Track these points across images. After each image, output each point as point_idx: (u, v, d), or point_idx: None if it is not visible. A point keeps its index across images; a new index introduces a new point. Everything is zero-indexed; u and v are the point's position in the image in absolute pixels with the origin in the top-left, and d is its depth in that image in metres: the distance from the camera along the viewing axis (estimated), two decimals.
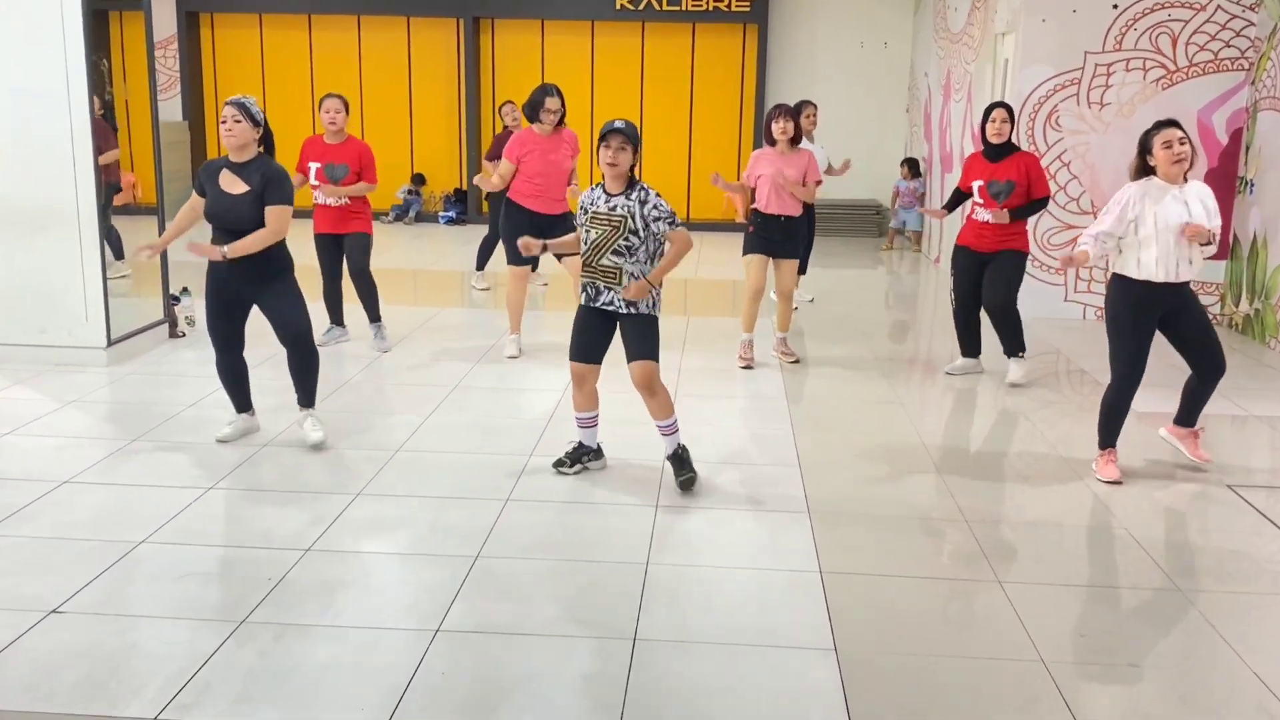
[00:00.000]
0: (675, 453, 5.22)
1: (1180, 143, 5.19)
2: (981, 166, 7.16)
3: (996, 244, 7.11)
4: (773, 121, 7.40)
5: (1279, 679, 3.60)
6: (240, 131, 5.36)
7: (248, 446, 5.66)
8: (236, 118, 5.35)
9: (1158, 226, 5.21)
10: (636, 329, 5.10)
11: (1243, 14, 9.17)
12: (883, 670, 3.62)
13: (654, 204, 4.99)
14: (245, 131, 5.38)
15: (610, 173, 5.00)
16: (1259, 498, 5.32)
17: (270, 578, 4.16)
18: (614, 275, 5.04)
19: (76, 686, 3.39)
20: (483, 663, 3.59)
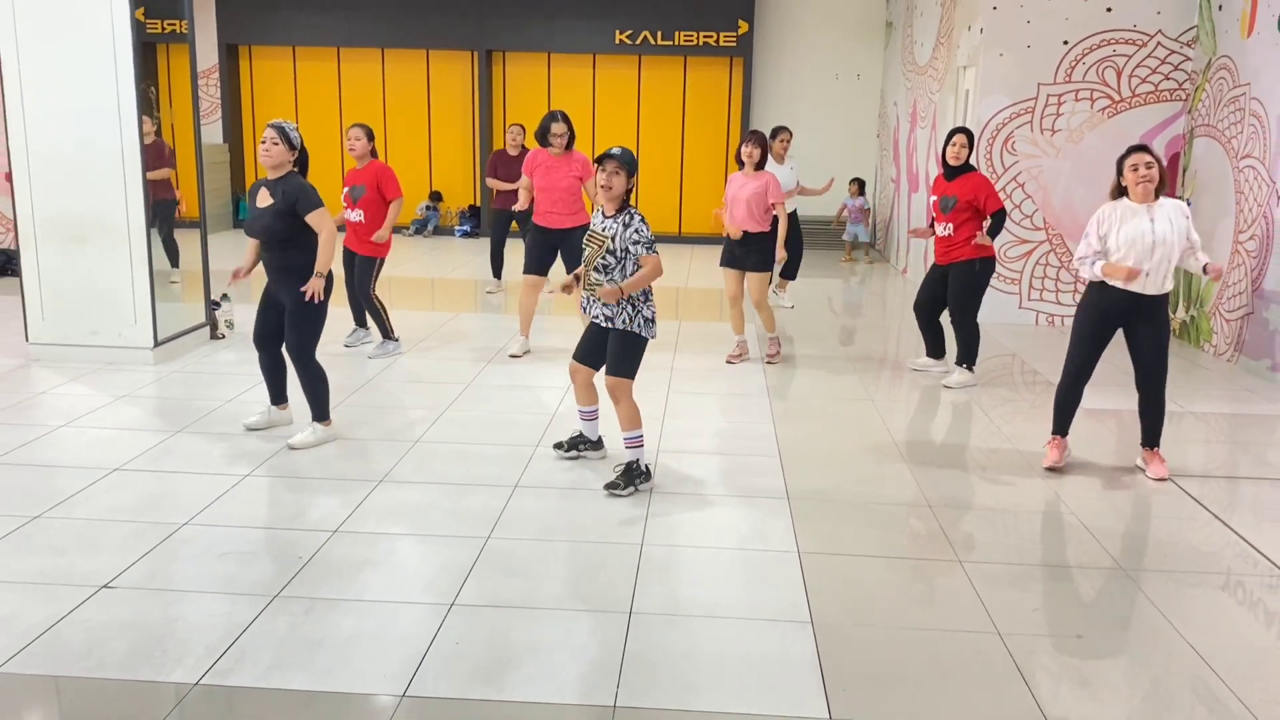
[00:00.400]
0: (628, 464, 5.04)
1: (1147, 166, 5.16)
2: (939, 185, 7.19)
3: (947, 256, 7.13)
4: (741, 146, 7.46)
5: (1212, 650, 3.61)
6: (277, 153, 5.34)
7: (281, 439, 5.65)
8: (275, 140, 5.33)
9: (1121, 242, 5.21)
10: (617, 344, 5.03)
11: (1180, 49, 9.18)
12: (854, 641, 3.62)
13: (635, 228, 4.92)
14: (281, 153, 5.35)
15: (604, 195, 4.97)
16: (1195, 486, 5.33)
17: (301, 556, 4.16)
18: (596, 289, 5.04)
19: (125, 655, 3.39)
20: (493, 634, 3.59)
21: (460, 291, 11.24)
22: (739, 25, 14.92)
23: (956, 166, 7.06)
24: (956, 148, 7.05)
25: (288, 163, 5.40)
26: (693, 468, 5.39)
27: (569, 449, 5.44)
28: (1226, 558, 4.47)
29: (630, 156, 5.00)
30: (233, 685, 3.23)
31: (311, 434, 5.56)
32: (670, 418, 6.25)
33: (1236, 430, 6.47)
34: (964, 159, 7.04)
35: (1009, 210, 9.54)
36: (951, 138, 7.10)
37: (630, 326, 5.00)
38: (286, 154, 5.37)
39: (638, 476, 5.02)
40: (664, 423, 6.14)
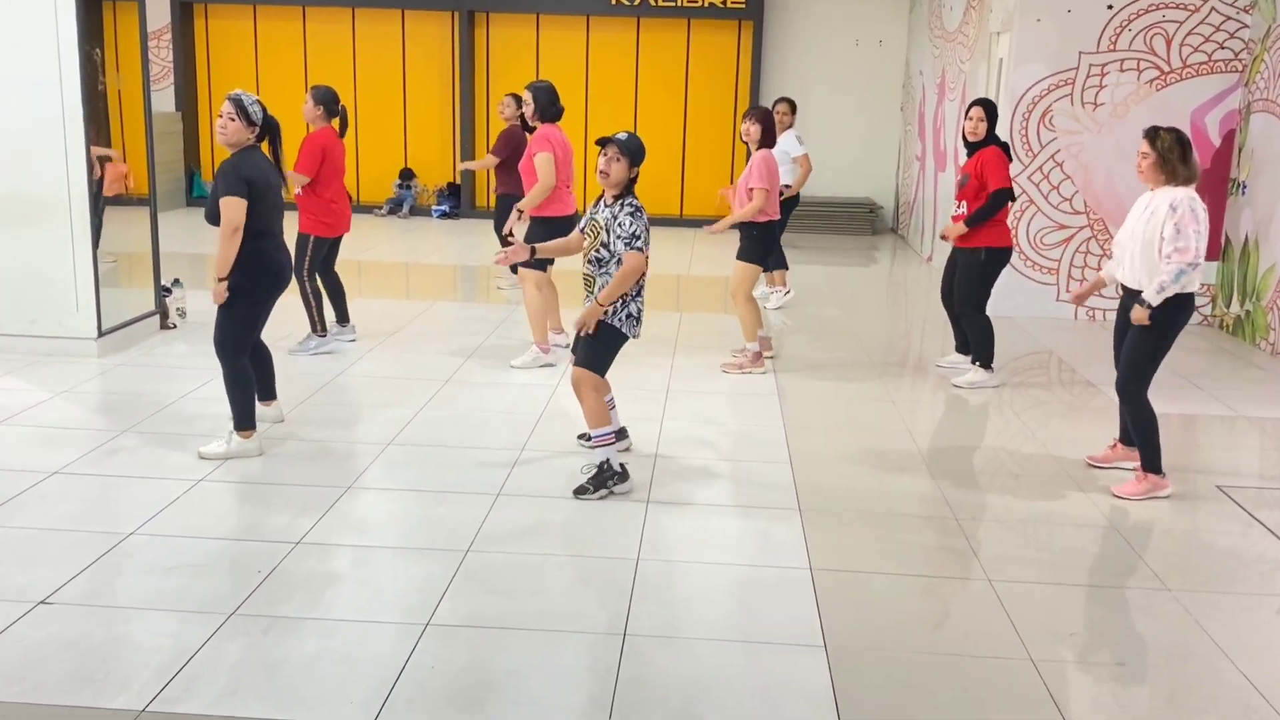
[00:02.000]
0: (599, 465, 5.04)
1: (1141, 155, 5.19)
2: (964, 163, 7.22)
3: (957, 241, 7.15)
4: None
5: (1265, 680, 3.61)
6: (232, 130, 5.25)
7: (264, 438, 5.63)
8: (231, 115, 5.25)
9: (1124, 228, 5.30)
10: (593, 334, 5.07)
11: (1237, 15, 9.18)
12: (872, 668, 3.62)
13: (622, 219, 4.94)
14: (237, 130, 5.26)
15: (601, 180, 5.02)
16: (1247, 498, 5.34)
17: (260, 570, 4.16)
18: (590, 283, 5.08)
19: (64, 678, 3.38)
20: (472, 657, 3.59)
21: (437, 278, 11.24)
22: None
23: (975, 142, 7.07)
24: (973, 121, 7.06)
25: (248, 140, 5.32)
26: (694, 474, 5.39)
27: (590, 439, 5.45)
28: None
29: (635, 144, 5.02)
30: (182, 713, 3.22)
31: (226, 444, 5.37)
32: (670, 419, 6.26)
33: None
34: (982, 134, 7.05)
35: (1046, 192, 9.56)
36: (969, 111, 7.12)
37: (611, 320, 5.03)
38: (244, 130, 5.28)
39: (610, 478, 5.03)
40: (663, 424, 6.14)
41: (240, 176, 5.18)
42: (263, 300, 5.43)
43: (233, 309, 5.32)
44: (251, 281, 5.32)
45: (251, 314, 5.40)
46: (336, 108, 7.49)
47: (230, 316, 5.33)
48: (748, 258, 7.38)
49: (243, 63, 15.89)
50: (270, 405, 5.85)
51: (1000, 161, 6.99)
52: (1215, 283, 9.52)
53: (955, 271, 7.31)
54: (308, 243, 7.42)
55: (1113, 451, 5.70)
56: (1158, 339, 5.14)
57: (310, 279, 7.48)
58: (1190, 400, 6.98)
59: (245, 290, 5.32)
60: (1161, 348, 5.18)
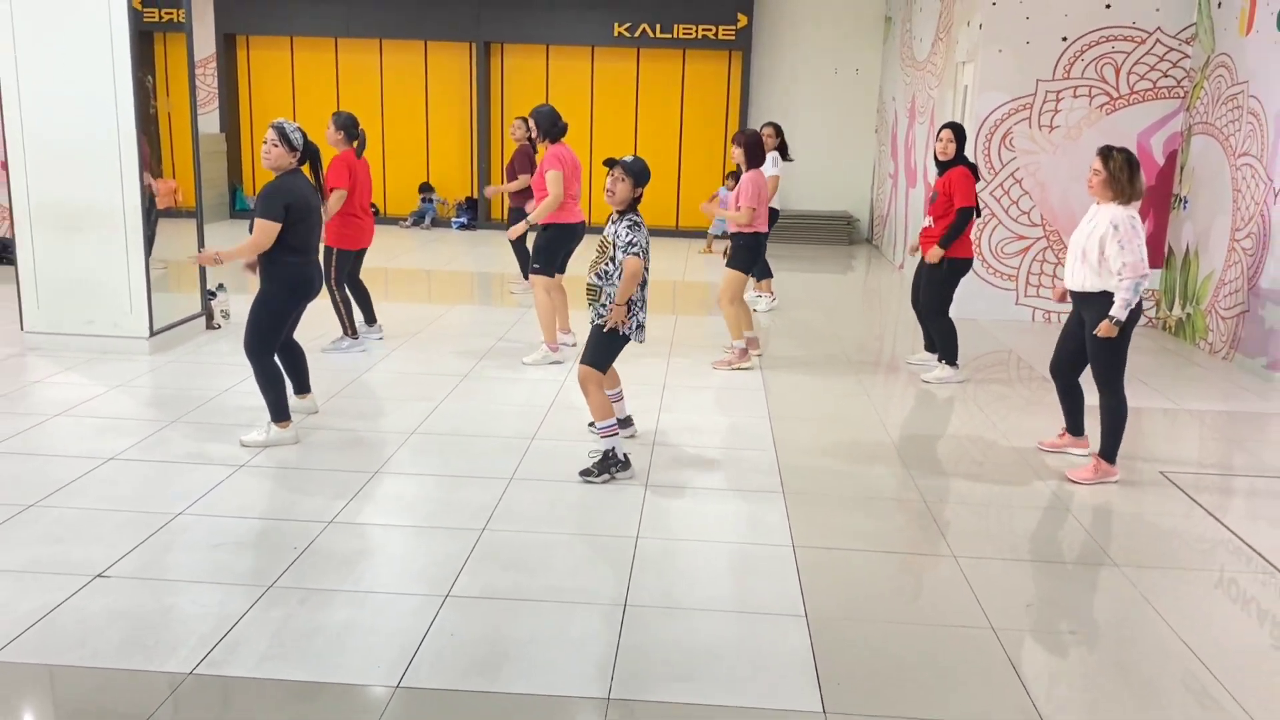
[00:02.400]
0: (605, 452, 5.04)
1: (1093, 172, 5.17)
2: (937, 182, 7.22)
3: (923, 249, 7.16)
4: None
5: (1204, 647, 3.61)
6: (276, 155, 5.24)
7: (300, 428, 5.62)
8: (275, 141, 5.23)
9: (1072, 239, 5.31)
10: (598, 334, 5.10)
11: (1179, 46, 9.17)
12: (848, 635, 3.62)
13: (620, 231, 4.97)
14: (280, 155, 5.24)
15: (608, 199, 5.04)
16: (1188, 483, 5.34)
17: (296, 547, 4.16)
18: (595, 293, 5.07)
19: (119, 644, 3.38)
20: (488, 625, 3.59)
21: (456, 284, 11.23)
22: (738, 19, 14.89)
23: (945, 161, 7.07)
24: (943, 143, 7.05)
25: (290, 164, 5.29)
26: (689, 460, 5.39)
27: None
28: (1221, 555, 4.48)
29: (639, 166, 5.03)
30: (226, 675, 3.22)
31: (265, 434, 5.38)
32: (666, 412, 6.25)
33: (1231, 428, 6.48)
34: (952, 153, 7.04)
35: (1006, 207, 9.55)
36: (939, 133, 7.11)
37: (621, 328, 5.05)
38: (287, 155, 5.26)
39: (613, 464, 5.04)
40: (659, 417, 6.13)
41: (281, 202, 5.17)
42: (289, 308, 5.42)
43: (261, 314, 5.32)
44: (282, 291, 5.33)
45: (278, 320, 5.39)
46: (356, 131, 7.48)
47: (258, 321, 5.32)
48: (735, 265, 7.39)
49: (280, 89, 15.87)
50: (305, 398, 5.84)
51: (967, 180, 6.98)
52: (1159, 288, 9.51)
53: (922, 279, 7.33)
54: (333, 255, 7.42)
55: (1060, 440, 5.72)
56: (1116, 338, 5.15)
57: (339, 288, 7.48)
58: (1137, 395, 6.96)
59: (274, 297, 5.32)
60: (1122, 344, 5.18)
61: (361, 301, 7.82)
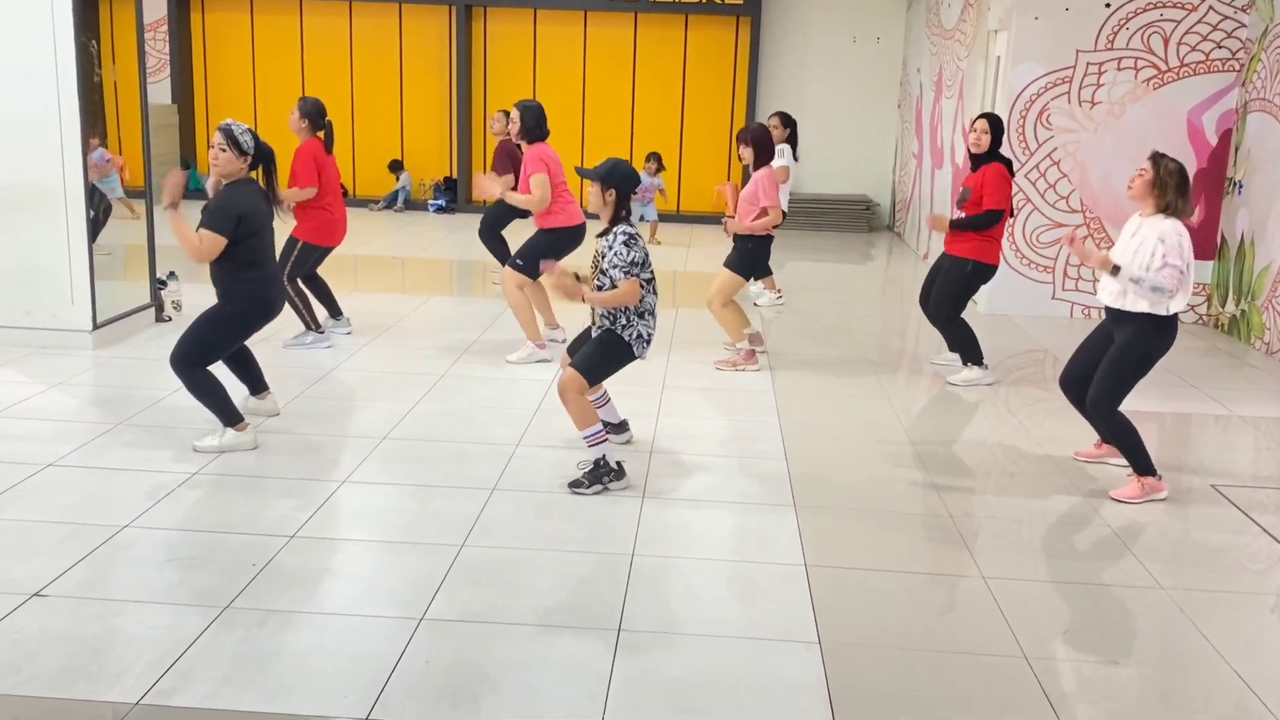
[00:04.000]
0: (595, 461, 5.06)
1: (1139, 172, 5.15)
2: (966, 174, 7.23)
3: (951, 245, 7.18)
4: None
5: (1259, 678, 3.62)
6: (224, 161, 5.23)
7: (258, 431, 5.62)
8: (222, 146, 5.21)
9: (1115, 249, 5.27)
10: (600, 342, 5.13)
11: (1234, 15, 9.19)
12: (866, 664, 3.63)
13: (615, 252, 4.99)
14: (229, 161, 5.23)
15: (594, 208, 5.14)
16: (1242, 497, 5.35)
17: (254, 564, 4.15)
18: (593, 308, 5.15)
19: (59, 670, 3.38)
20: (466, 652, 3.59)
21: (433, 272, 11.23)
22: None
23: (978, 155, 7.06)
24: (977, 134, 7.03)
25: (240, 170, 5.28)
26: (689, 470, 5.39)
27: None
28: (1276, 577, 4.49)
29: (605, 168, 5.06)
30: (177, 705, 3.22)
31: (219, 438, 5.36)
32: (665, 415, 6.26)
33: None
34: (985, 146, 7.01)
35: (1042, 190, 9.56)
36: (974, 123, 7.10)
37: (622, 334, 5.07)
38: (236, 161, 5.24)
39: (605, 474, 5.04)
40: (658, 420, 6.14)
41: (234, 213, 5.16)
42: (244, 331, 5.44)
43: (208, 329, 5.31)
44: (239, 310, 5.34)
45: (227, 340, 5.41)
46: (322, 121, 7.45)
47: (203, 335, 5.30)
48: (735, 268, 7.39)
49: (239, 56, 15.86)
50: (265, 398, 5.84)
51: (1002, 180, 6.99)
52: (1211, 282, 9.54)
53: (938, 276, 7.31)
54: (295, 247, 7.39)
55: (1098, 449, 5.73)
56: (1138, 360, 5.13)
57: (292, 282, 7.43)
58: (1185, 399, 6.99)
59: (231, 317, 5.33)
60: (1140, 371, 5.17)
61: (322, 296, 7.81)
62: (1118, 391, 5.21)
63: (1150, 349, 5.13)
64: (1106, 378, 5.20)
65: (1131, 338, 5.11)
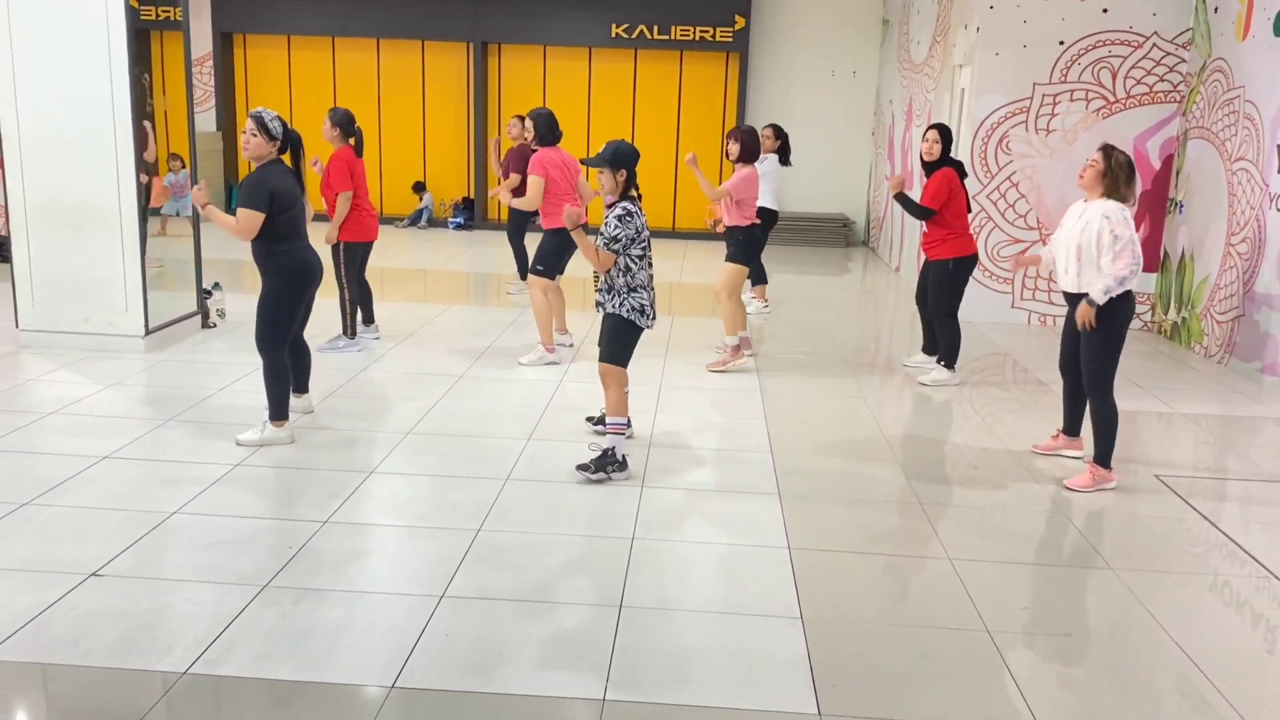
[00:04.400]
0: (605, 450, 5.04)
1: (1090, 163, 5.17)
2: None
3: (926, 252, 7.16)
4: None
5: (1199, 651, 3.62)
6: (255, 145, 5.22)
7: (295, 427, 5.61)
8: (254, 131, 5.22)
9: (1057, 235, 5.33)
10: (606, 328, 5.16)
11: (1175, 51, 9.19)
12: (843, 637, 3.62)
13: (607, 223, 5.02)
14: (259, 145, 5.23)
15: (601, 192, 5.13)
16: (1183, 486, 5.35)
17: (291, 546, 4.15)
18: (598, 279, 5.15)
19: (114, 643, 3.37)
20: (483, 626, 3.58)
21: (453, 284, 11.22)
22: (735, 20, 14.90)
23: (931, 162, 7.08)
24: (928, 143, 7.08)
25: (270, 154, 5.28)
26: (684, 462, 5.39)
27: (599, 422, 5.62)
28: (1215, 558, 4.49)
29: (609, 151, 5.05)
30: (221, 675, 3.22)
31: (260, 432, 5.38)
32: (662, 413, 6.25)
33: (1226, 432, 6.49)
34: (937, 154, 7.05)
35: (1003, 210, 9.56)
36: (925, 134, 7.13)
37: (619, 310, 5.09)
38: (266, 145, 5.24)
39: (610, 464, 5.04)
40: (655, 418, 6.13)
41: (266, 190, 5.15)
42: (297, 298, 5.39)
43: (269, 307, 5.31)
44: (285, 282, 5.31)
45: (286, 312, 5.37)
46: (353, 129, 7.44)
47: (268, 313, 5.32)
48: (734, 259, 7.40)
49: (277, 87, 15.86)
50: (302, 398, 5.84)
51: (943, 185, 7.01)
52: (1154, 292, 9.54)
53: (929, 279, 7.32)
54: (340, 250, 7.40)
55: (1054, 441, 5.73)
56: (1109, 337, 5.15)
57: (353, 285, 7.44)
58: (1132, 398, 6.98)
59: (279, 290, 5.31)
60: (1115, 344, 5.18)
61: (363, 301, 7.81)
62: (1105, 370, 5.20)
63: (1114, 321, 5.12)
64: (1090, 362, 5.21)
65: (1101, 319, 5.11)
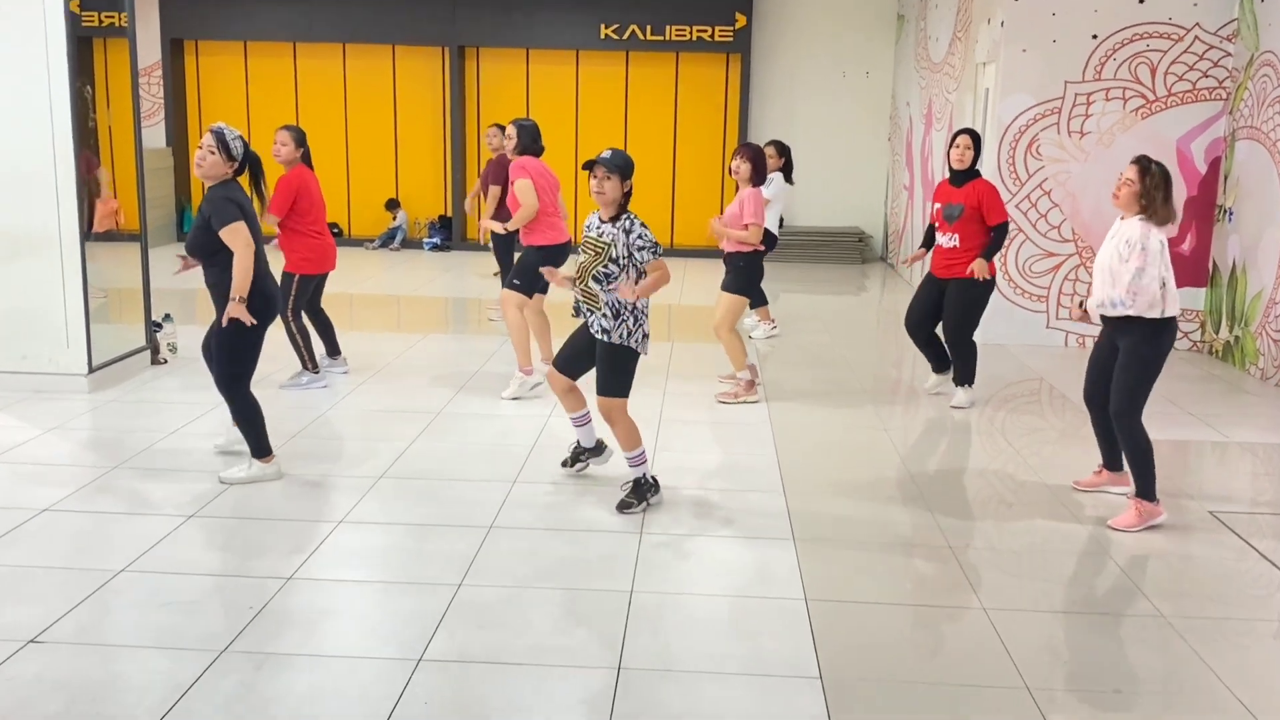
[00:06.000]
0: (636, 480, 5.29)
1: (1126, 181, 5.18)
2: (944, 191, 7.27)
3: (949, 269, 7.19)
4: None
5: (1262, 705, 3.60)
6: (210, 164, 5.27)
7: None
8: (211, 148, 5.26)
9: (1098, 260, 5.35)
10: (606, 359, 5.20)
11: (1220, 44, 9.27)
12: (868, 698, 3.60)
13: (639, 234, 5.09)
14: (216, 164, 5.27)
15: (598, 200, 5.15)
16: (1241, 524, 5.34)
17: (252, 606, 4.13)
18: (594, 300, 5.15)
19: (55, 717, 3.35)
20: (465, 692, 3.56)
21: (429, 310, 11.24)
22: (736, 19, 15.02)
23: (962, 171, 7.11)
24: (960, 149, 7.11)
25: (225, 175, 5.32)
26: (687, 503, 5.38)
27: (574, 464, 5.68)
28: (1277, 602, 4.48)
29: (622, 159, 5.15)
30: None
31: (246, 469, 5.50)
32: (663, 450, 6.24)
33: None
34: (969, 162, 7.10)
35: (1034, 221, 9.61)
36: (955, 139, 7.17)
37: (628, 341, 5.16)
38: (223, 165, 5.28)
39: (648, 491, 5.24)
40: (656, 454, 6.12)
41: (234, 203, 5.23)
42: (262, 332, 5.43)
43: (231, 344, 5.34)
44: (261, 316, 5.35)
45: (252, 347, 5.42)
46: (305, 144, 7.59)
47: (229, 349, 5.36)
48: (734, 289, 7.41)
49: (234, 99, 15.95)
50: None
51: (998, 193, 7.13)
52: (1204, 308, 9.56)
53: (934, 299, 7.33)
54: (293, 282, 7.39)
55: (1097, 477, 5.72)
56: (1144, 366, 5.16)
57: (296, 318, 7.44)
58: (1182, 426, 6.99)
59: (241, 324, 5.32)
60: (1150, 373, 5.19)
61: (323, 332, 7.83)
62: (1136, 399, 5.21)
63: (1154, 351, 5.15)
64: (1121, 388, 5.22)
65: (1133, 344, 5.15)
